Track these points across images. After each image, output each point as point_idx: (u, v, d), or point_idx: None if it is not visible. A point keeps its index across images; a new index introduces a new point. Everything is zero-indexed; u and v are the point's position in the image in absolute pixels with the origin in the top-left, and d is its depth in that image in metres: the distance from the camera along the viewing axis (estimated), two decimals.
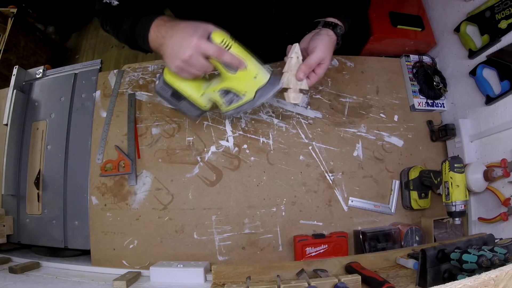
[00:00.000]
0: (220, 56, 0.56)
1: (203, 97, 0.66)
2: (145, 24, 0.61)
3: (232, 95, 0.62)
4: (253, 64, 0.59)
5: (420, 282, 0.59)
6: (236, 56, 0.57)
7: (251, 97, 0.61)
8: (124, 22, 0.66)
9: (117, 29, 0.69)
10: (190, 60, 0.56)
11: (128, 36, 0.66)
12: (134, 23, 0.64)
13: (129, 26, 0.65)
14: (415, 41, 1.07)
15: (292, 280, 0.65)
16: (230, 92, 0.62)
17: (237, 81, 0.60)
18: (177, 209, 0.89)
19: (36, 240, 0.95)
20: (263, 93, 0.60)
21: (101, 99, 0.97)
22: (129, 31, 0.65)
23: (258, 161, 0.93)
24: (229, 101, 0.63)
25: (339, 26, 0.73)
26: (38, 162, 0.98)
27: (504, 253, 0.53)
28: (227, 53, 0.56)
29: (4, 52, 1.75)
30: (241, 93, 0.61)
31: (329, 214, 0.92)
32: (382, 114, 1.01)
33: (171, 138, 0.93)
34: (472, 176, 0.82)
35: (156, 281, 0.74)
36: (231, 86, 0.61)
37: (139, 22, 0.63)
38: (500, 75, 0.84)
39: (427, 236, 0.90)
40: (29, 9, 1.98)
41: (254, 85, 0.60)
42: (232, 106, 0.63)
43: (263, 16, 0.79)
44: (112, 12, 0.68)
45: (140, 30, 0.63)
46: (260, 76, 0.59)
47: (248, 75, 0.59)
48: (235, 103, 0.63)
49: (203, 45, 0.55)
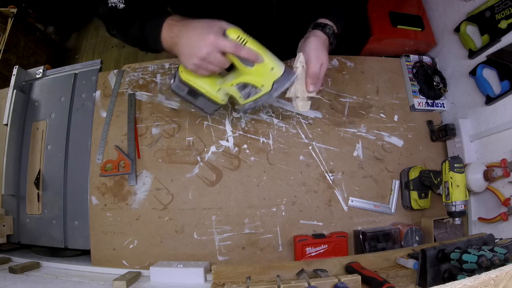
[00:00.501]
0: (237, 52, 0.58)
1: (220, 92, 0.68)
2: (156, 25, 0.62)
3: (249, 88, 0.65)
4: (268, 57, 0.61)
5: (420, 282, 0.59)
6: (253, 50, 0.59)
7: (268, 89, 0.63)
8: (133, 25, 0.66)
9: (124, 32, 0.69)
10: (208, 58, 0.58)
11: (138, 38, 0.66)
12: (143, 25, 0.64)
13: (139, 28, 0.65)
14: (415, 41, 1.07)
15: (292, 280, 0.65)
16: (247, 86, 0.65)
17: (254, 75, 0.62)
18: (177, 209, 0.89)
19: (36, 240, 0.95)
20: (279, 85, 0.63)
21: (101, 99, 0.97)
22: (139, 33, 0.65)
23: (258, 161, 0.93)
24: (246, 94, 0.66)
25: (328, 26, 0.73)
26: (38, 162, 0.98)
27: (504, 253, 0.53)
28: (244, 48, 0.58)
29: (4, 52, 1.75)
30: (259, 86, 0.64)
31: (329, 214, 0.92)
32: (382, 114, 1.01)
33: (171, 138, 0.93)
34: (472, 176, 0.82)
35: (156, 281, 0.74)
36: (248, 80, 0.64)
37: (148, 24, 0.64)
38: (500, 75, 0.84)
39: (427, 236, 0.90)
40: (29, 9, 1.98)
41: (271, 77, 0.62)
42: (250, 99, 0.66)
43: (263, 17, 0.79)
44: (119, 15, 0.68)
45: (151, 31, 0.63)
46: (276, 68, 0.62)
47: (264, 68, 0.61)
48: (252, 96, 0.65)
49: (221, 42, 0.56)
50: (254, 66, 0.60)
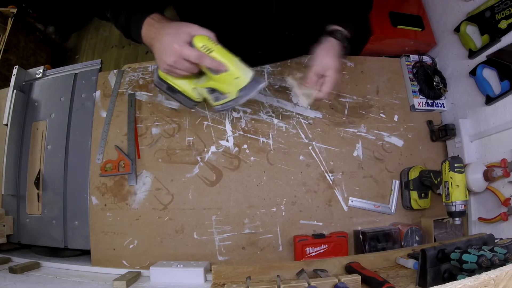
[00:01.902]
0: (201, 61, 0.59)
1: (195, 91, 0.70)
2: (138, 22, 0.65)
3: (217, 93, 0.66)
4: (235, 66, 0.61)
5: (420, 282, 0.59)
6: (217, 60, 0.59)
7: (234, 96, 0.65)
8: (121, 14, 0.69)
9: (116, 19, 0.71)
10: (175, 65, 0.60)
11: (125, 28, 0.69)
12: (129, 17, 0.67)
13: (125, 19, 0.67)
14: (415, 41, 1.07)
15: (292, 280, 0.65)
16: (215, 90, 0.66)
17: (220, 82, 0.64)
18: (177, 209, 0.89)
19: (36, 240, 0.95)
20: (245, 93, 0.64)
21: (101, 99, 0.97)
22: (125, 24, 0.68)
23: (258, 161, 0.93)
24: (215, 98, 0.67)
25: (339, 31, 0.76)
26: (38, 162, 0.98)
27: (504, 253, 0.53)
28: (207, 58, 0.59)
29: (4, 52, 1.75)
30: (225, 92, 0.65)
31: (329, 214, 0.92)
32: (382, 114, 1.01)
33: (171, 138, 0.93)
34: (472, 176, 0.82)
35: (156, 281, 0.74)
36: (215, 85, 0.65)
37: (133, 18, 0.66)
38: (500, 75, 0.84)
39: (427, 236, 0.90)
40: (29, 9, 1.98)
41: (236, 85, 0.63)
42: (218, 102, 0.67)
43: (263, 15, 0.79)
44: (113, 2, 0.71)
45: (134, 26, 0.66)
46: (242, 77, 0.63)
47: (229, 77, 0.62)
48: (220, 101, 0.67)
49: (185, 51, 0.58)
50: (220, 74, 0.61)
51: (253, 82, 0.63)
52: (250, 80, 0.63)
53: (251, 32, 0.82)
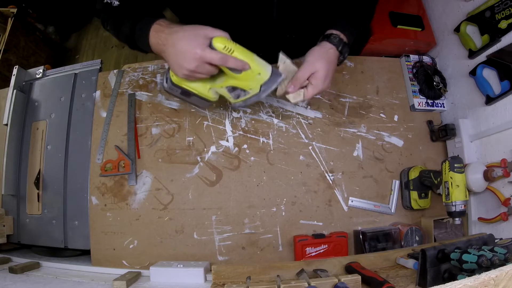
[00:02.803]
0: (225, 63, 0.58)
1: (211, 91, 0.70)
2: (144, 29, 0.62)
3: (238, 90, 0.67)
4: (255, 63, 0.62)
5: (420, 282, 0.59)
6: (240, 60, 0.60)
7: (256, 91, 0.66)
8: (124, 24, 0.66)
9: (117, 30, 0.69)
10: (197, 69, 0.59)
11: (129, 38, 0.67)
12: (133, 26, 0.65)
13: (129, 28, 0.65)
14: (415, 41, 1.07)
15: (292, 280, 0.65)
16: (236, 88, 0.67)
17: (242, 80, 0.64)
18: (177, 209, 0.89)
19: (36, 240, 0.95)
20: (267, 87, 0.65)
21: (101, 99, 0.97)
22: (129, 34, 0.66)
23: (258, 161, 0.93)
24: (236, 95, 0.68)
25: (334, 35, 0.73)
26: (38, 162, 0.98)
27: (504, 253, 0.53)
28: (231, 59, 0.58)
29: (4, 52, 1.75)
30: (247, 89, 0.66)
31: (329, 214, 0.92)
32: (382, 114, 1.01)
33: (171, 138, 0.93)
34: (472, 176, 0.82)
35: (156, 281, 0.74)
36: (236, 84, 0.66)
37: (138, 26, 0.64)
38: (500, 75, 0.84)
39: (427, 236, 0.90)
40: (29, 9, 1.98)
41: (258, 81, 0.65)
42: (239, 99, 0.68)
43: (264, 17, 0.79)
44: (113, 12, 0.69)
45: (140, 33, 0.64)
46: (263, 73, 0.64)
47: (252, 74, 0.63)
48: (242, 97, 0.68)
49: (208, 55, 0.57)
50: (242, 73, 0.62)
51: (272, 76, 0.65)
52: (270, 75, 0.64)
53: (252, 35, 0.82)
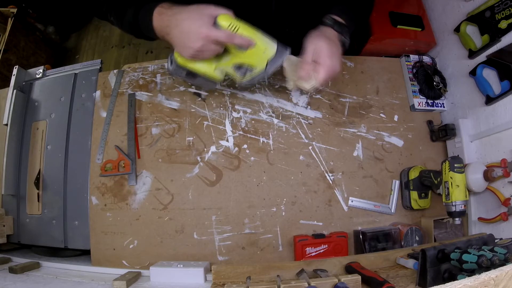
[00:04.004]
0: (231, 41, 0.58)
1: (217, 71, 0.70)
2: (147, 14, 0.62)
3: (245, 68, 0.67)
4: (260, 40, 0.63)
5: (420, 282, 0.59)
6: (245, 36, 0.60)
7: (263, 68, 0.66)
8: (127, 12, 0.66)
9: (121, 20, 0.69)
10: (202, 49, 0.59)
11: (133, 25, 0.67)
12: (136, 13, 0.65)
13: (132, 16, 0.65)
14: (415, 41, 1.07)
15: (292, 280, 0.65)
16: (243, 66, 0.67)
17: (248, 57, 0.65)
18: (177, 209, 0.89)
19: (36, 240, 0.95)
20: (273, 63, 0.66)
21: (101, 99, 0.97)
22: (133, 21, 0.66)
23: (258, 161, 0.93)
24: (242, 73, 0.68)
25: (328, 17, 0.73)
26: (38, 162, 0.98)
27: (504, 253, 0.53)
28: (237, 36, 0.59)
29: (4, 52, 1.75)
30: (254, 65, 0.66)
31: (329, 214, 0.92)
32: (382, 114, 1.01)
33: (171, 138, 0.93)
34: (472, 176, 0.82)
35: (156, 281, 0.74)
36: (243, 61, 0.66)
37: (141, 12, 0.64)
38: (500, 75, 0.84)
39: (427, 236, 0.90)
40: (29, 9, 1.98)
41: (264, 58, 0.65)
42: (246, 77, 0.69)
43: (263, 11, 0.78)
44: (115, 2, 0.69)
45: (143, 20, 0.64)
46: (268, 50, 0.64)
47: (258, 51, 0.63)
48: (248, 75, 0.68)
49: (213, 34, 0.57)
50: (248, 50, 0.62)
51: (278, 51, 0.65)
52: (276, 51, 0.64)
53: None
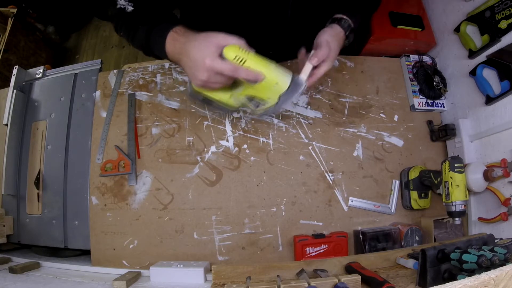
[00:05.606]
0: (235, 74, 0.56)
1: (232, 99, 0.67)
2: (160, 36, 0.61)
3: (256, 101, 0.65)
4: (271, 72, 0.58)
5: (420, 282, 0.58)
6: (251, 70, 0.56)
7: (275, 102, 0.62)
8: (139, 30, 0.65)
9: (132, 36, 0.68)
10: (209, 80, 0.57)
11: (144, 44, 0.66)
12: (149, 33, 0.63)
13: (144, 35, 0.64)
14: (415, 41, 1.07)
15: (292, 280, 0.65)
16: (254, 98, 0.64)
17: (258, 90, 0.61)
18: (177, 209, 0.89)
19: (36, 240, 0.95)
20: (286, 97, 0.61)
21: (101, 99, 0.97)
22: (145, 39, 0.65)
23: (258, 161, 0.93)
24: (255, 105, 0.66)
25: (344, 19, 0.73)
26: (38, 162, 0.98)
27: (504, 253, 0.53)
28: (242, 70, 0.55)
29: (4, 52, 1.75)
30: (265, 99, 0.63)
31: (329, 214, 0.92)
32: (382, 114, 1.01)
33: (171, 138, 0.93)
34: (472, 176, 0.82)
35: (156, 281, 0.74)
36: (254, 93, 0.63)
37: (153, 32, 0.63)
38: (500, 75, 0.84)
39: (427, 236, 0.90)
40: (29, 9, 1.98)
41: (275, 91, 0.61)
42: (259, 109, 0.66)
43: (278, 17, 0.78)
44: (127, 18, 0.67)
45: (155, 41, 0.63)
46: (281, 83, 0.60)
47: (268, 84, 0.59)
48: (261, 107, 0.65)
49: (217, 66, 0.55)
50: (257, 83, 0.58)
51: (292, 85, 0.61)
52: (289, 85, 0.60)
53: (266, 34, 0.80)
